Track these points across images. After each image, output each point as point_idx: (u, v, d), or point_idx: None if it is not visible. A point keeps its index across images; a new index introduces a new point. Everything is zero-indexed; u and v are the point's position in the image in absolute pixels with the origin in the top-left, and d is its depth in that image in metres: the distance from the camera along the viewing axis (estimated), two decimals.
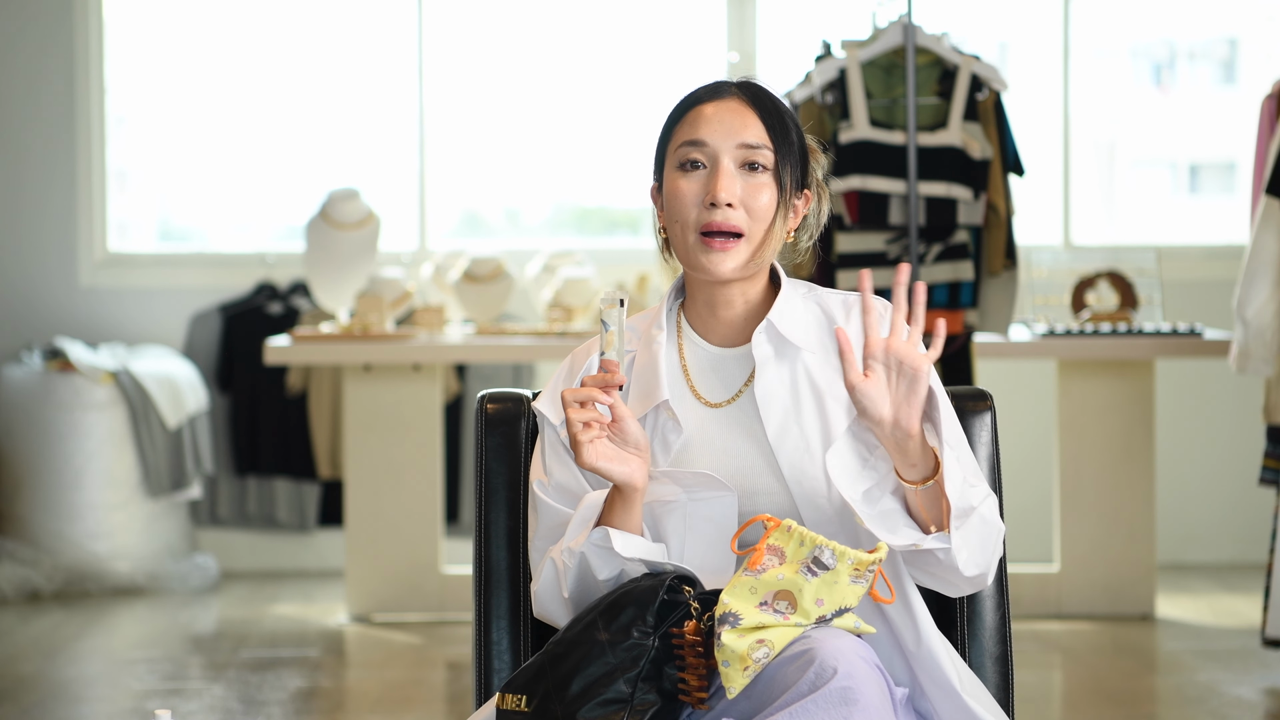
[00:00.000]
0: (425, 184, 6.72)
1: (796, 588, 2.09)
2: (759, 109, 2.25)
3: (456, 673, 4.99)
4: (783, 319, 2.27)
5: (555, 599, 2.25)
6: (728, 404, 2.28)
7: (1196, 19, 7.50)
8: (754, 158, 2.23)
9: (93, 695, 4.81)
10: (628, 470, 2.17)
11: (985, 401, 2.46)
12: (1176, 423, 6.51)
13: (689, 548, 2.21)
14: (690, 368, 2.31)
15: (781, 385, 2.25)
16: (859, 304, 2.29)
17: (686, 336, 2.32)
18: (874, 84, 5.04)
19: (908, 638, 2.20)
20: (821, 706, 2.00)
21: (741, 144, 2.23)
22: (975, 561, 2.19)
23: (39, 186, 6.59)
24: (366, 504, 5.68)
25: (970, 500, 2.17)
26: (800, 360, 2.26)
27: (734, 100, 2.26)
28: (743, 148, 2.23)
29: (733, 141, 2.23)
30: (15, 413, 6.17)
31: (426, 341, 5.55)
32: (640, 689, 2.11)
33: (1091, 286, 5.63)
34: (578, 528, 2.23)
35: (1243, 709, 4.55)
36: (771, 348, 2.26)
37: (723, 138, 2.23)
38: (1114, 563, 5.67)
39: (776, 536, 2.11)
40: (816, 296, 2.32)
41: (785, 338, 2.26)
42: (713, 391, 2.29)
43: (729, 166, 2.23)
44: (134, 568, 6.12)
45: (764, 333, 2.26)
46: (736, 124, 2.24)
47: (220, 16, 6.85)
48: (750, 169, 2.24)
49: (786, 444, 2.23)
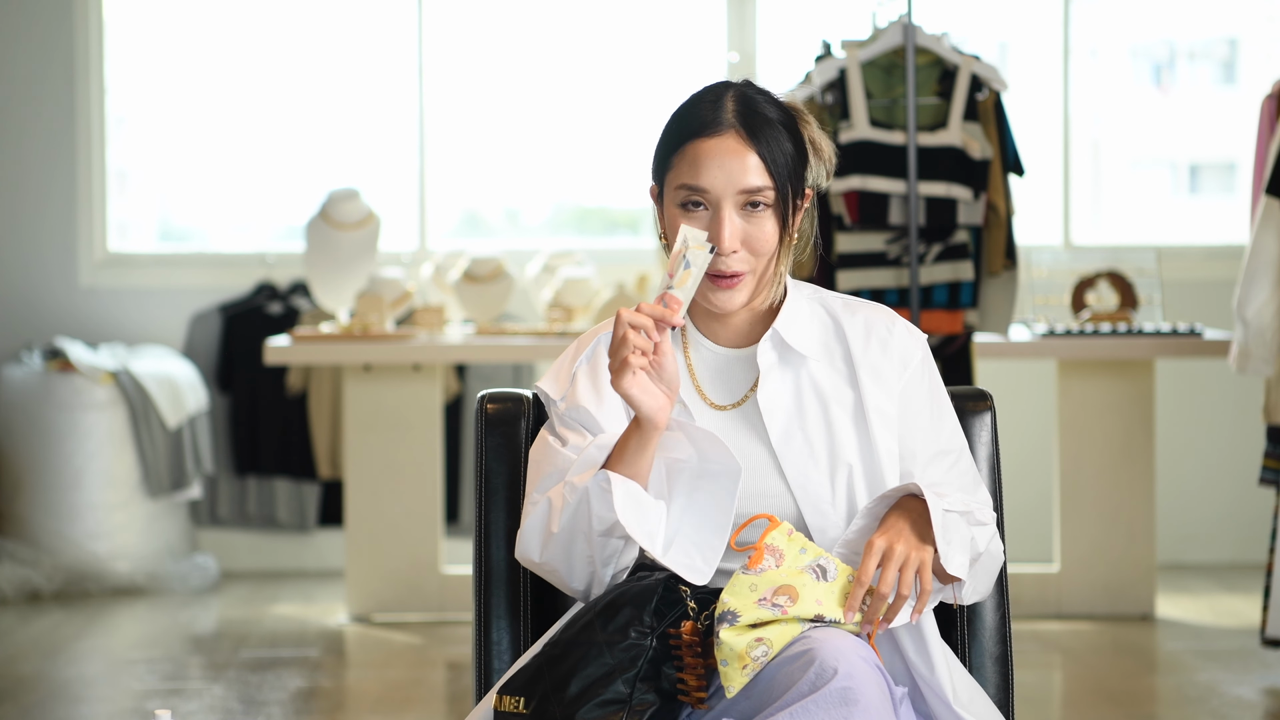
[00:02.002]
0: (425, 184, 6.72)
1: (800, 583, 2.09)
2: (757, 144, 2.21)
3: (456, 673, 4.99)
4: (789, 328, 2.26)
5: (540, 534, 2.20)
6: (733, 408, 2.28)
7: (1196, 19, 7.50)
8: (755, 199, 2.21)
9: (93, 695, 4.81)
10: (656, 405, 2.14)
11: (985, 401, 2.46)
12: (1176, 423, 6.51)
13: (688, 514, 2.19)
14: (697, 370, 2.31)
15: (785, 392, 2.25)
16: (861, 309, 2.30)
17: (692, 338, 2.32)
18: (874, 84, 5.04)
19: (909, 644, 2.20)
20: (822, 706, 2.00)
21: (742, 189, 2.21)
22: (978, 591, 2.27)
23: (39, 186, 6.59)
24: (366, 504, 5.68)
25: (978, 546, 2.20)
26: (805, 367, 2.26)
27: (732, 138, 2.21)
28: (743, 193, 2.21)
29: (733, 187, 2.20)
30: (15, 413, 6.17)
31: (426, 341, 5.55)
32: (639, 689, 2.11)
33: (1091, 286, 5.63)
34: (584, 466, 2.19)
35: (1243, 709, 4.55)
36: (776, 355, 2.26)
37: (723, 184, 2.20)
38: (1114, 563, 5.67)
39: (775, 537, 2.11)
40: (821, 299, 2.32)
41: (791, 346, 2.26)
42: (719, 394, 2.29)
43: (730, 213, 2.20)
44: (134, 568, 6.12)
45: (769, 340, 2.26)
46: (736, 168, 2.20)
47: (220, 17, 6.85)
48: (752, 207, 2.22)
49: (791, 450, 2.23)
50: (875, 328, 2.29)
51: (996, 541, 2.26)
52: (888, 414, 2.25)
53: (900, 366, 2.27)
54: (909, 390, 2.27)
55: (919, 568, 2.10)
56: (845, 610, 2.10)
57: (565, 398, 2.28)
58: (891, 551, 2.10)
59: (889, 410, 2.25)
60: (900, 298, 4.99)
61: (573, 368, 2.31)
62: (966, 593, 2.22)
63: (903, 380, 2.27)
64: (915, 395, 2.27)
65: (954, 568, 2.14)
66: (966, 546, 2.16)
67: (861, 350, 2.27)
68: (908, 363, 2.28)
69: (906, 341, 2.29)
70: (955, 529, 2.15)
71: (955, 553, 2.14)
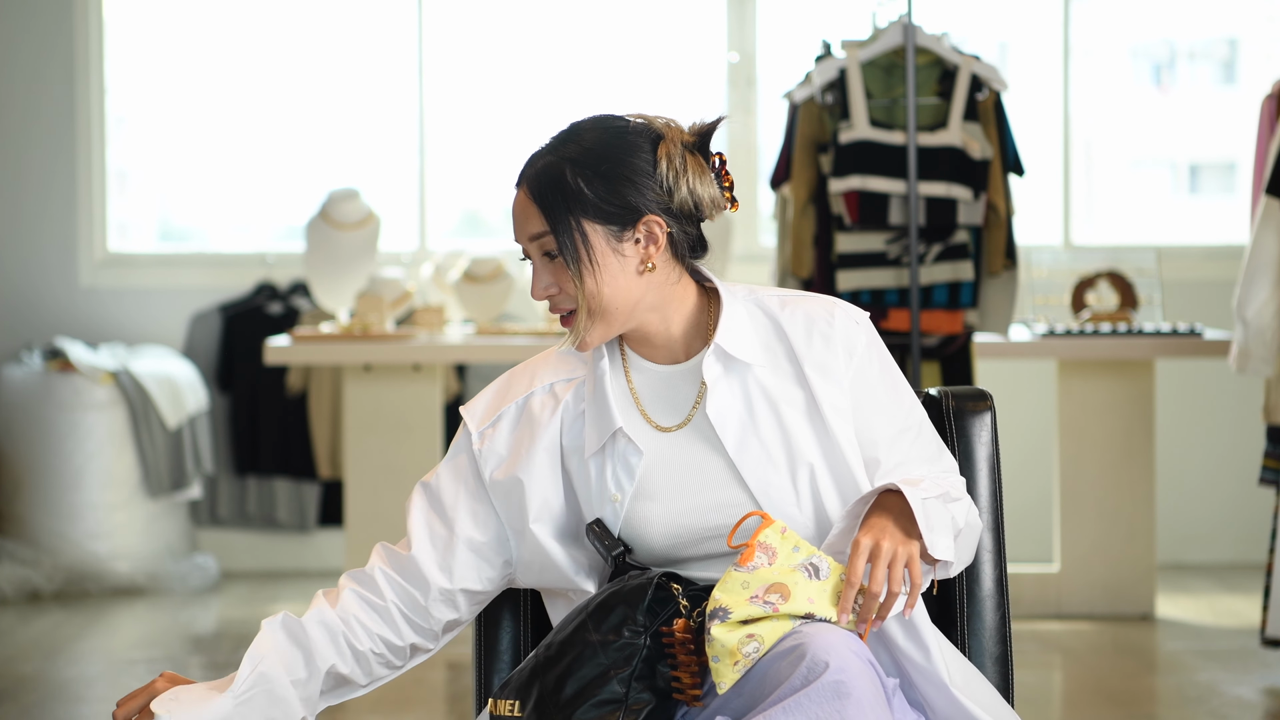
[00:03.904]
0: (425, 184, 6.72)
1: (791, 581, 2.09)
2: (534, 194, 2.22)
3: (456, 673, 4.99)
4: (728, 337, 2.24)
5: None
6: (679, 428, 2.26)
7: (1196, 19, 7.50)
8: (545, 246, 2.22)
9: (93, 695, 4.81)
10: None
11: (985, 401, 2.46)
12: (1176, 423, 6.51)
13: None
14: (639, 392, 2.29)
15: (734, 401, 2.23)
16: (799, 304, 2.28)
17: (631, 360, 2.30)
18: (874, 84, 5.04)
19: (900, 634, 2.20)
20: (815, 701, 2.00)
21: (530, 237, 2.23)
22: (962, 562, 2.27)
23: (39, 186, 6.59)
24: (366, 504, 5.68)
25: (958, 524, 2.20)
26: (751, 373, 2.25)
27: (520, 194, 2.24)
28: (533, 241, 2.23)
29: (525, 237, 2.23)
30: (15, 413, 6.17)
31: (426, 341, 5.55)
32: (634, 688, 2.11)
33: (1091, 286, 5.63)
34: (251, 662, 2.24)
35: (1243, 709, 4.55)
36: (721, 366, 2.24)
37: (521, 237, 2.24)
38: (1114, 563, 5.67)
39: (768, 534, 2.11)
40: (757, 300, 2.30)
41: (734, 356, 2.25)
42: (664, 415, 2.27)
43: (535, 261, 2.25)
44: (134, 568, 6.12)
45: (713, 354, 2.24)
46: (522, 220, 2.23)
47: (220, 17, 6.85)
48: (549, 256, 2.23)
49: (749, 458, 2.22)
50: (816, 322, 2.27)
51: (974, 512, 2.25)
52: (841, 407, 2.23)
53: (846, 356, 2.25)
54: (859, 377, 2.25)
55: (908, 561, 2.10)
56: (839, 611, 2.10)
57: (483, 434, 2.29)
58: (879, 549, 2.10)
59: (841, 403, 2.23)
60: (900, 298, 4.99)
61: (500, 408, 2.32)
62: (954, 568, 2.23)
63: (851, 369, 2.25)
64: (866, 380, 2.26)
65: (940, 551, 2.14)
66: (949, 528, 2.16)
67: (805, 347, 2.25)
68: (853, 351, 2.26)
69: (848, 329, 2.27)
70: (936, 514, 2.15)
71: (939, 538, 2.14)
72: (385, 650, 2.30)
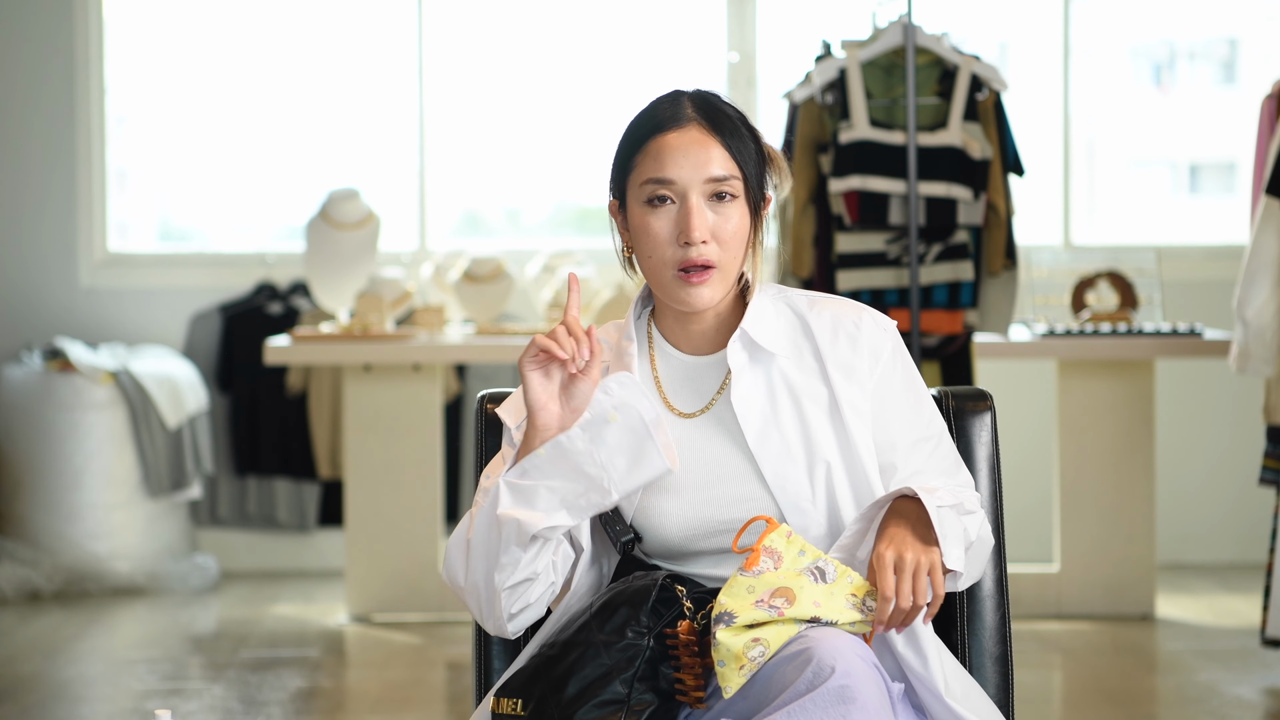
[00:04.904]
0: (425, 184, 6.72)
1: (798, 585, 2.09)
2: (720, 134, 2.23)
3: (456, 673, 4.99)
4: (756, 326, 2.25)
5: (461, 548, 2.21)
6: (700, 414, 2.27)
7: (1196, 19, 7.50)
8: (722, 189, 2.22)
9: (93, 695, 4.81)
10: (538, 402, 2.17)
11: (985, 401, 2.46)
12: (1176, 423, 6.51)
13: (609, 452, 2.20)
14: (663, 379, 2.30)
15: (758, 391, 2.24)
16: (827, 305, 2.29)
17: (658, 347, 2.31)
18: (874, 84, 5.04)
19: (901, 640, 2.20)
20: (820, 705, 2.00)
21: (709, 178, 2.21)
22: (971, 577, 2.26)
23: (39, 186, 6.59)
24: (366, 504, 5.68)
25: (970, 536, 2.20)
26: (776, 365, 2.26)
27: (695, 129, 2.22)
28: (710, 182, 2.21)
29: (700, 176, 2.21)
30: (15, 413, 6.17)
31: (426, 341, 5.55)
32: (636, 689, 2.12)
33: (1091, 286, 5.63)
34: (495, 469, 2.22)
35: (1243, 709, 4.55)
36: (746, 355, 2.25)
37: (690, 173, 2.21)
38: (1114, 563, 5.67)
39: (773, 539, 2.11)
40: (786, 298, 2.31)
41: (760, 345, 2.25)
42: (685, 402, 2.28)
43: (698, 203, 2.21)
44: (134, 568, 6.12)
45: (739, 340, 2.25)
46: (701, 158, 2.21)
47: (220, 17, 6.85)
48: (718, 199, 2.22)
49: (768, 449, 2.22)
50: (843, 323, 2.28)
51: (986, 527, 2.26)
52: (861, 409, 2.24)
53: (872, 360, 2.26)
54: (884, 382, 2.26)
55: (930, 570, 2.11)
56: (876, 625, 2.10)
57: (520, 426, 2.28)
58: (903, 561, 2.10)
59: (862, 406, 2.24)
60: (900, 298, 4.98)
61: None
62: (962, 581, 2.22)
63: (876, 374, 2.26)
64: (891, 386, 2.27)
65: (951, 561, 2.14)
66: (961, 539, 2.17)
67: (830, 346, 2.26)
68: (879, 355, 2.27)
69: (875, 335, 2.28)
70: (950, 524, 2.15)
71: (952, 547, 2.14)
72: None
